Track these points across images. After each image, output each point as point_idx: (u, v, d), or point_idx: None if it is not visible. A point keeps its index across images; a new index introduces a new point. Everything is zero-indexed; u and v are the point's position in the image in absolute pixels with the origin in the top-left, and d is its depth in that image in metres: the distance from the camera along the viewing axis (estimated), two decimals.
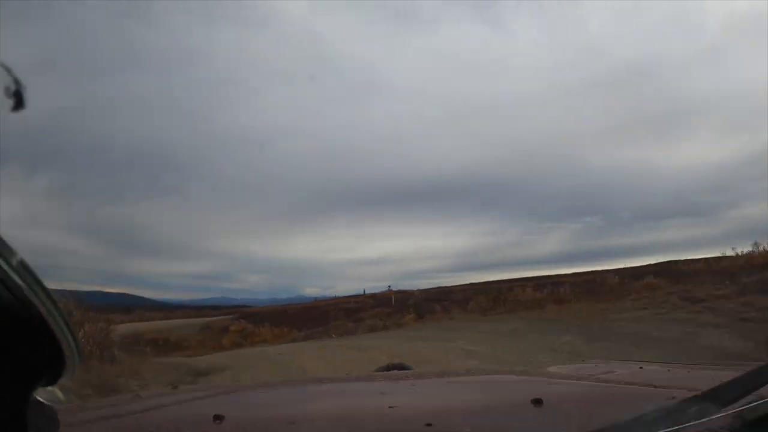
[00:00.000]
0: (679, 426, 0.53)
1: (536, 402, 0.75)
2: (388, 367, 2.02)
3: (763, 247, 12.02)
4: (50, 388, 0.57)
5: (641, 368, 1.31)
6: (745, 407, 0.55)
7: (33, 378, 0.47)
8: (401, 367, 1.93)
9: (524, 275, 20.65)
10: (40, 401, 0.55)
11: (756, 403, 0.55)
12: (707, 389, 0.61)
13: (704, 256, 14.41)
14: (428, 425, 0.66)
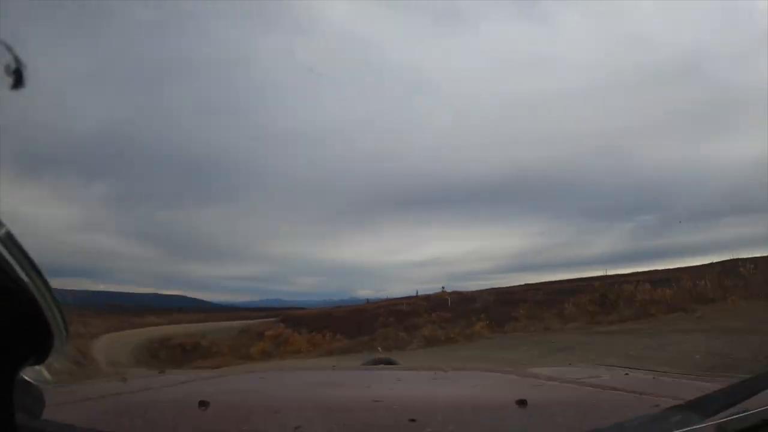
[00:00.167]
0: None
1: (521, 403, 0.76)
2: (375, 361, 2.07)
3: None
4: (37, 368, 0.54)
5: (627, 374, 1.28)
6: (728, 419, 0.54)
7: (20, 357, 0.46)
8: (388, 362, 1.95)
9: (579, 276, 18.50)
10: (27, 380, 0.54)
11: (739, 416, 0.54)
12: (691, 399, 0.61)
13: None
14: (412, 420, 0.68)
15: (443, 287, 21.48)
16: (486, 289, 20.01)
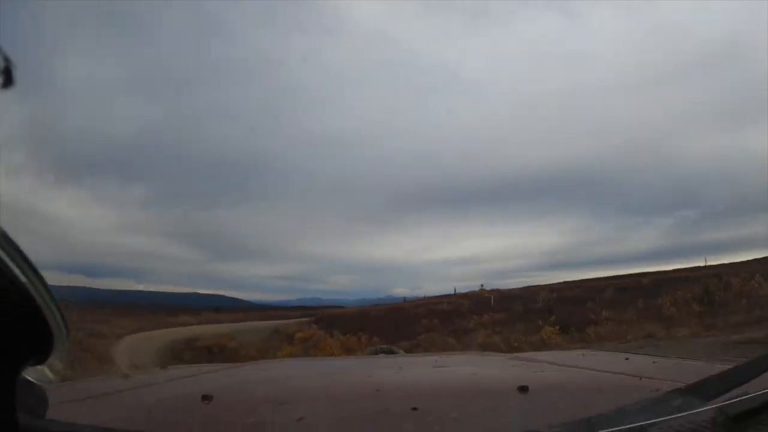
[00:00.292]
0: (663, 418, 0.53)
1: (522, 389, 0.77)
2: (377, 350, 2.15)
3: None
4: (39, 367, 0.54)
5: (627, 359, 1.29)
6: (729, 402, 0.54)
7: (21, 357, 0.46)
8: (389, 351, 2.01)
9: (618, 273, 17.76)
10: (30, 380, 0.54)
11: (739, 399, 0.54)
12: (692, 383, 0.62)
13: None
14: (414, 409, 0.68)
15: (482, 285, 20.39)
16: (527, 287, 18.43)
